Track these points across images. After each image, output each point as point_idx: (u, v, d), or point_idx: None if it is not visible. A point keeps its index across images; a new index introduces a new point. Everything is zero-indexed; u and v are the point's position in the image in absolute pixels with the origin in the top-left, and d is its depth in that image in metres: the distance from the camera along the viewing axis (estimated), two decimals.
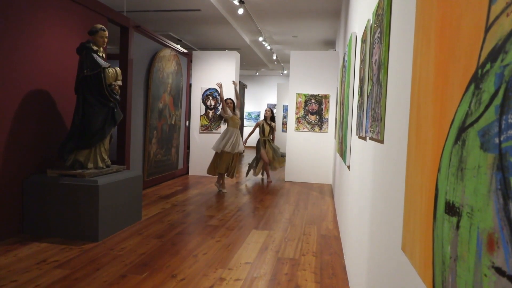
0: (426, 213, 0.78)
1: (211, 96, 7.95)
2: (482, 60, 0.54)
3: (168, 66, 6.74)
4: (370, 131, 1.82)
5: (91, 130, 3.75)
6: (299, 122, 7.71)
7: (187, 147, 8.05)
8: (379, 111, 1.56)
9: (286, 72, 15.27)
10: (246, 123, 15.47)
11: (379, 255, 1.46)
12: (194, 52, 8.15)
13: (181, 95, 7.44)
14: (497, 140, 0.48)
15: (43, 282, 2.61)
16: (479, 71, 0.54)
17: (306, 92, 7.68)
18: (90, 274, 2.79)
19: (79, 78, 3.71)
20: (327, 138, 7.62)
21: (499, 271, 0.45)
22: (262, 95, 16.52)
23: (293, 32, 9.39)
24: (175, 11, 7.39)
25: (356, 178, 2.55)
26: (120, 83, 3.96)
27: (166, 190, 6.25)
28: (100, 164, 3.89)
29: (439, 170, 0.70)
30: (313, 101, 7.65)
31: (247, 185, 7.12)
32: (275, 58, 11.93)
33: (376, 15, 1.78)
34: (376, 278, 1.53)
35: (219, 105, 7.57)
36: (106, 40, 3.88)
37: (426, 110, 0.82)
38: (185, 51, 7.65)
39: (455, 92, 0.64)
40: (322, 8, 7.29)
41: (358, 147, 2.49)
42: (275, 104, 14.63)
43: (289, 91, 7.80)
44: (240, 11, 6.92)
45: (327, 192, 6.72)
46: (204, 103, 8.01)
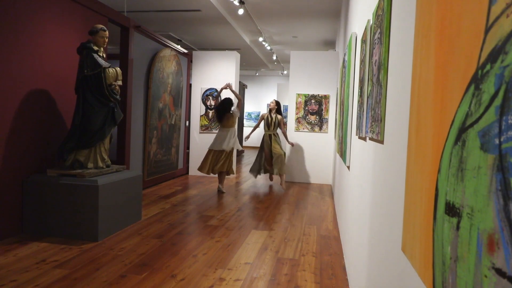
0: (426, 213, 0.78)
1: (211, 96, 7.95)
2: (482, 61, 0.54)
3: (168, 66, 6.74)
4: (370, 132, 1.82)
5: (91, 130, 3.75)
6: (299, 122, 7.71)
7: (187, 147, 8.05)
8: (379, 111, 1.56)
9: (286, 72, 15.27)
10: (246, 123, 15.46)
11: (379, 255, 1.46)
12: (194, 52, 8.15)
13: (181, 95, 7.44)
14: (497, 141, 0.48)
15: (42, 282, 2.61)
16: (479, 72, 0.54)
17: (306, 92, 7.68)
18: (90, 274, 2.79)
19: (80, 78, 3.71)
20: (327, 139, 7.62)
21: (500, 272, 0.45)
22: (262, 95, 16.52)
23: (293, 32, 9.39)
24: (175, 11, 7.39)
25: (356, 178, 2.55)
26: (120, 83, 3.96)
27: (166, 190, 6.24)
28: (100, 164, 3.89)
29: (439, 171, 0.70)
30: (313, 101, 7.65)
31: (247, 185, 7.12)
32: (275, 58, 11.93)
33: (376, 15, 1.78)
34: (376, 279, 1.53)
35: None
36: (107, 40, 3.88)
37: (426, 110, 0.82)
38: (185, 51, 7.65)
39: (455, 92, 0.64)
40: (322, 9, 7.29)
41: (358, 147, 2.49)
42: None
43: (289, 91, 7.80)
44: (240, 12, 6.92)
45: (327, 192, 6.72)
46: (204, 103, 8.01)
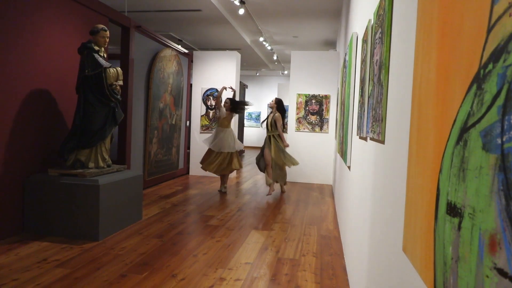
0: (427, 214, 0.78)
1: (212, 96, 7.95)
2: (484, 60, 0.53)
3: (168, 66, 6.74)
4: (371, 132, 1.82)
5: (92, 129, 3.75)
6: (300, 122, 7.70)
7: (188, 147, 8.05)
8: (380, 111, 1.55)
9: (286, 72, 15.26)
10: (246, 123, 15.46)
11: (380, 256, 1.46)
12: (194, 52, 8.15)
13: (181, 95, 7.44)
14: (499, 141, 0.48)
15: (43, 281, 2.61)
16: (481, 72, 0.54)
17: (307, 92, 7.67)
18: (91, 273, 2.79)
19: (80, 78, 3.72)
20: (328, 139, 7.62)
21: (501, 272, 0.45)
22: (263, 95, 16.50)
23: (293, 32, 9.39)
24: (176, 11, 7.39)
25: (357, 178, 2.55)
26: (121, 83, 3.96)
27: (167, 190, 6.25)
28: (101, 163, 3.89)
29: (440, 171, 0.70)
30: (313, 101, 7.65)
31: (247, 185, 7.12)
32: (275, 58, 11.93)
33: (377, 15, 1.78)
34: (377, 279, 1.53)
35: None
36: (107, 40, 3.88)
37: (427, 110, 0.82)
38: (185, 51, 7.65)
39: (457, 92, 0.64)
40: (322, 8, 7.28)
41: (359, 147, 2.49)
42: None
43: (289, 91, 7.80)
44: (241, 11, 6.92)
45: (327, 192, 6.71)
46: (205, 103, 8.01)
